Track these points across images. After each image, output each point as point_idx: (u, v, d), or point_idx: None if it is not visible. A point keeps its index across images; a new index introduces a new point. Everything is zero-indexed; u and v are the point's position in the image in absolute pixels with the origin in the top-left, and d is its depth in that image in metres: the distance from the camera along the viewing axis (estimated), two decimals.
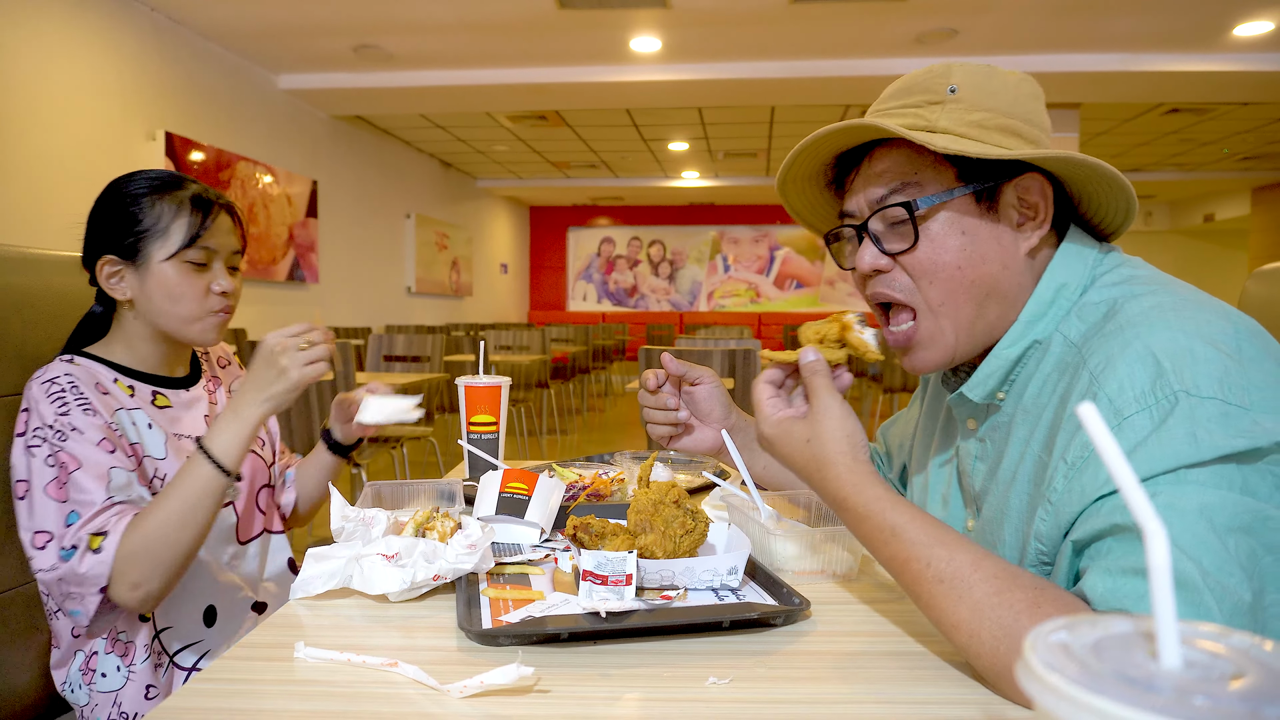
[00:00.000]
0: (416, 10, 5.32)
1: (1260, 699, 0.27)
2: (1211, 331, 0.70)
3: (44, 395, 1.11)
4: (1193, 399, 0.66)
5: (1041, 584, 0.67)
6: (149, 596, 1.07)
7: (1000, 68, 0.86)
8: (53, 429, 1.09)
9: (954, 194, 0.82)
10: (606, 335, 9.87)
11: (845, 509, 0.78)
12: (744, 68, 6.43)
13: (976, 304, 0.83)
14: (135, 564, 1.05)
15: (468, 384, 1.41)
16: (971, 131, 0.82)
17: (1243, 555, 0.62)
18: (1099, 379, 0.72)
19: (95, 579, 1.04)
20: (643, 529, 0.91)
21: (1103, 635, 0.33)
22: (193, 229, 1.19)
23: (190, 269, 1.20)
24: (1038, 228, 0.83)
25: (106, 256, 1.18)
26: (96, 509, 1.07)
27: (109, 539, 1.05)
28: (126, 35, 5.07)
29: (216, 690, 0.67)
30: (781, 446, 0.84)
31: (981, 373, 0.86)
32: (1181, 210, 13.81)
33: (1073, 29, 5.65)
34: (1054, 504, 0.73)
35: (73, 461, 1.08)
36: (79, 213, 1.23)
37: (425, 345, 4.50)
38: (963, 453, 0.93)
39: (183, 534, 1.08)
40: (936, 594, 0.69)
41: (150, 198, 1.18)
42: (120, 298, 1.20)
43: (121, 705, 1.15)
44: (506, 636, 0.75)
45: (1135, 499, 0.33)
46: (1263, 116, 8.08)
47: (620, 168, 11.20)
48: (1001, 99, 0.83)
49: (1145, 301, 0.75)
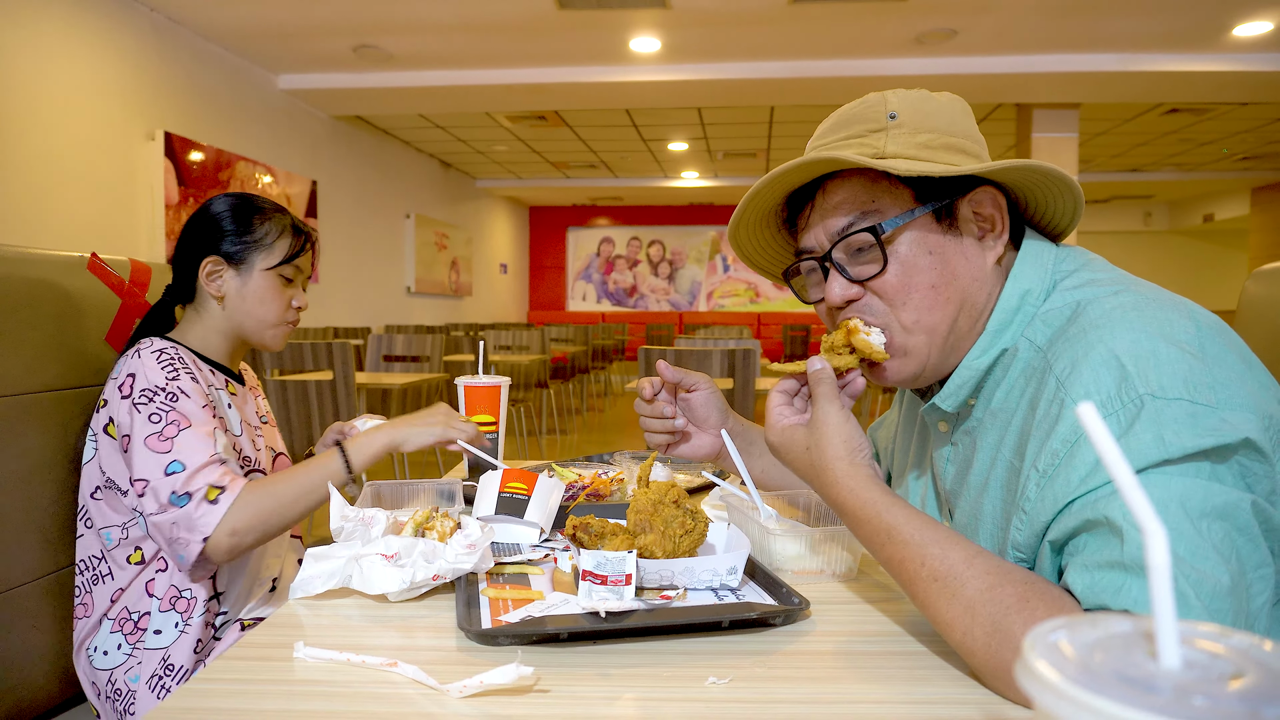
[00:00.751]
0: (416, 10, 5.32)
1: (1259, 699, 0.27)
2: (1173, 331, 0.71)
3: (154, 362, 1.24)
4: (1159, 401, 0.66)
5: (1032, 579, 0.67)
6: (237, 548, 1.17)
7: (928, 91, 0.88)
8: (163, 390, 1.22)
9: (915, 214, 0.83)
10: (606, 335, 9.86)
11: (844, 511, 0.80)
12: (743, 68, 6.43)
13: (950, 319, 0.85)
14: (243, 513, 1.16)
15: (467, 384, 1.41)
16: (921, 153, 0.83)
17: (1218, 539, 0.63)
18: (1065, 384, 0.72)
19: (204, 527, 1.15)
20: (642, 529, 0.92)
21: (1102, 635, 0.33)
22: (293, 249, 1.39)
23: (282, 282, 1.39)
24: (998, 238, 0.85)
25: (213, 257, 1.34)
26: (203, 463, 1.18)
27: (226, 494, 1.16)
28: (126, 35, 5.07)
29: (216, 690, 0.67)
30: (785, 453, 0.87)
31: (953, 384, 0.87)
32: (1181, 210, 13.81)
33: (1072, 29, 5.65)
34: (1028, 513, 0.74)
35: (184, 420, 1.20)
36: (79, 213, 1.25)
37: (425, 345, 4.50)
38: (936, 457, 0.94)
39: (293, 507, 1.21)
40: (931, 592, 0.70)
41: (261, 216, 1.37)
42: (215, 294, 1.35)
43: (170, 659, 1.24)
44: (506, 636, 0.75)
45: (1135, 499, 0.33)
46: (1262, 116, 8.09)
47: (620, 168, 11.20)
48: (939, 120, 0.85)
49: (1107, 304, 0.76)
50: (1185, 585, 0.61)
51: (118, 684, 1.21)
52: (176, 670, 1.24)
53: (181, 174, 5.48)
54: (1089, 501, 0.67)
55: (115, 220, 4.98)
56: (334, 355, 3.36)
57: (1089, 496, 0.67)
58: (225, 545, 1.16)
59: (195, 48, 5.76)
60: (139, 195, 5.20)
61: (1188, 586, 0.61)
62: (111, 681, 1.22)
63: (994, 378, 0.85)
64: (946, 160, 0.83)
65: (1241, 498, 0.64)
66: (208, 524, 1.15)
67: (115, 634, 1.24)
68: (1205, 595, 0.61)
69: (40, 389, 1.24)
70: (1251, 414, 0.66)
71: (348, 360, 3.35)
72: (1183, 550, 0.62)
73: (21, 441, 1.20)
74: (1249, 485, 0.66)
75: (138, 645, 1.23)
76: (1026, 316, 0.83)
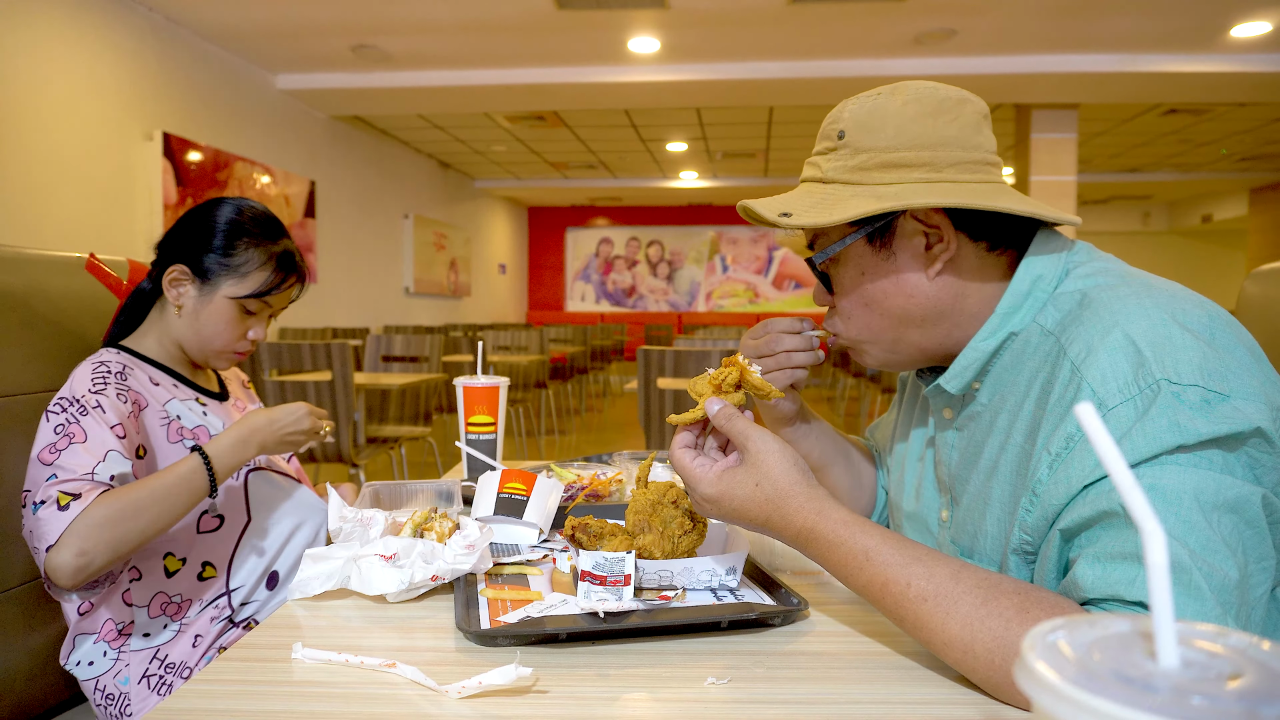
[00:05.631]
0: (415, 10, 5.31)
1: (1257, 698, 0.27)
2: (1186, 318, 0.71)
3: (87, 374, 1.18)
4: (1175, 386, 0.66)
5: (1025, 588, 0.67)
6: (86, 569, 1.05)
7: (888, 95, 0.85)
8: (76, 402, 1.14)
9: (847, 241, 0.86)
10: (605, 335, 9.86)
11: (813, 538, 0.76)
12: (742, 68, 6.43)
13: (891, 329, 0.88)
14: (92, 533, 1.05)
15: (466, 384, 1.41)
16: (854, 176, 0.85)
17: (1227, 532, 0.63)
18: (1081, 369, 0.72)
19: (48, 534, 1.05)
20: (641, 529, 0.91)
21: (1100, 635, 0.33)
22: (266, 285, 1.30)
23: (242, 313, 1.30)
24: (945, 249, 0.83)
25: (180, 265, 1.27)
26: (76, 476, 1.08)
27: (78, 501, 1.06)
28: (124, 36, 5.07)
29: (215, 691, 0.67)
30: (730, 501, 0.79)
31: (958, 365, 0.86)
32: (1179, 211, 13.82)
33: (1071, 29, 5.66)
34: (1039, 495, 0.74)
35: (79, 434, 1.11)
36: (77, 213, 1.25)
37: (423, 345, 4.49)
38: (939, 442, 0.94)
39: (149, 521, 1.10)
40: (922, 613, 0.68)
41: (246, 240, 1.29)
42: (174, 301, 1.29)
43: (167, 657, 1.22)
44: (505, 637, 0.75)
45: (1135, 500, 0.33)
46: (1261, 117, 8.09)
47: (618, 168, 11.20)
48: (884, 133, 0.84)
49: (1120, 290, 0.76)
50: (1200, 579, 0.61)
51: (109, 690, 1.20)
52: (177, 667, 1.22)
53: (180, 174, 5.48)
54: (1104, 490, 0.67)
55: (113, 220, 4.97)
56: (332, 356, 3.36)
57: (1104, 484, 0.67)
58: (72, 568, 1.04)
59: (194, 48, 5.76)
60: (137, 195, 5.19)
61: (1202, 580, 0.61)
62: (102, 688, 1.20)
63: (1001, 361, 0.84)
64: (878, 180, 0.83)
65: (1253, 491, 0.65)
66: (51, 532, 1.04)
67: (99, 644, 1.21)
68: (1216, 588, 0.62)
69: (38, 389, 1.24)
70: (1262, 404, 0.67)
71: (346, 361, 3.35)
72: (1195, 544, 0.62)
73: (20, 442, 1.20)
74: (1258, 477, 0.66)
75: (123, 649, 1.21)
76: (1038, 301, 0.82)
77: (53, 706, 1.28)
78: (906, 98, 0.85)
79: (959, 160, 0.83)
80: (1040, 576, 0.74)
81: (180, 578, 1.26)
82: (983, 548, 0.83)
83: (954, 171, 0.82)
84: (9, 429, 1.19)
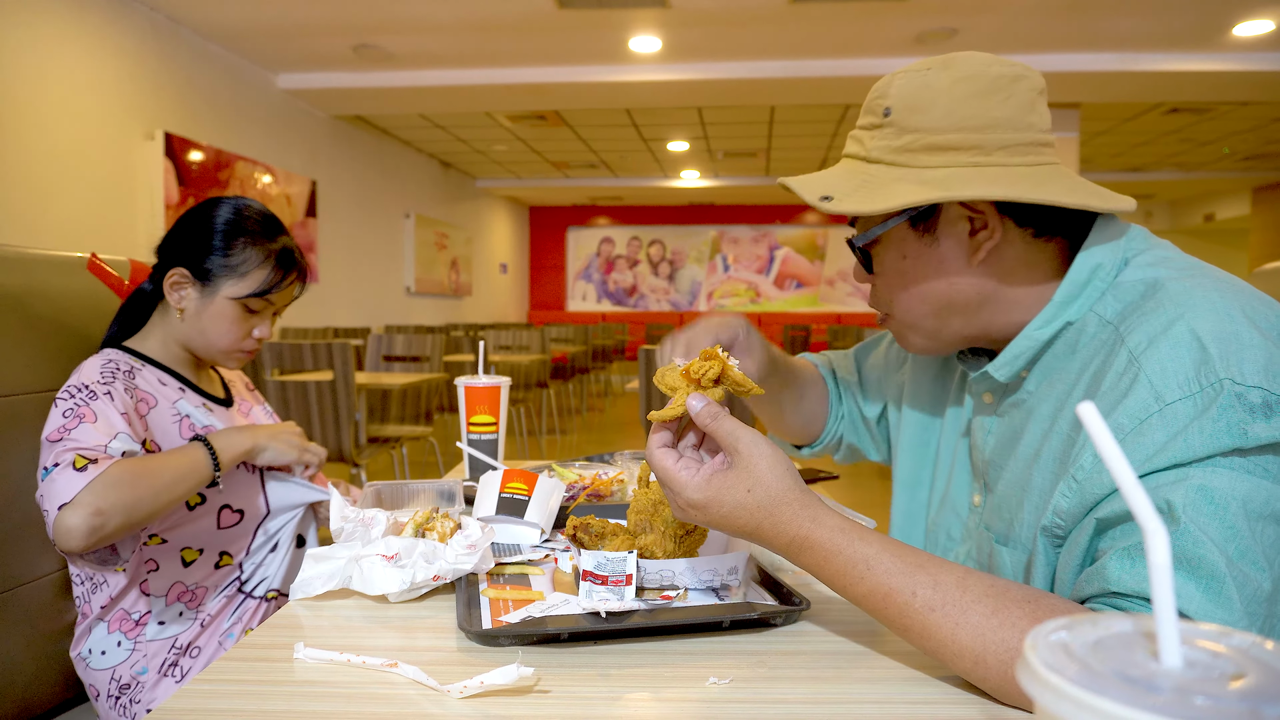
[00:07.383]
0: (416, 10, 5.31)
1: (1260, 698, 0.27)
2: (1256, 316, 0.69)
3: (96, 366, 1.20)
4: (1238, 387, 0.64)
5: (1035, 595, 0.66)
6: (100, 530, 1.05)
7: (939, 70, 0.81)
8: (85, 388, 1.16)
9: (889, 225, 0.84)
10: (606, 335, 9.86)
11: (808, 547, 0.72)
12: (744, 68, 6.43)
13: (934, 317, 0.86)
14: (110, 493, 1.06)
15: (467, 384, 1.41)
16: (899, 157, 0.82)
17: (1267, 543, 0.62)
18: (1139, 359, 0.70)
19: (61, 494, 1.04)
20: (643, 529, 0.91)
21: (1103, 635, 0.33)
22: (267, 283, 1.31)
23: (245, 312, 1.31)
24: (990, 236, 0.81)
25: (180, 268, 1.28)
26: (90, 445, 1.10)
27: (95, 466, 1.07)
28: (125, 35, 5.07)
29: (216, 690, 0.67)
30: (719, 508, 0.74)
31: (1009, 353, 0.84)
32: (1181, 210, 13.81)
33: (1073, 29, 5.65)
34: (1079, 481, 0.71)
35: (90, 415, 1.13)
36: (78, 213, 1.26)
37: (425, 345, 4.50)
38: (975, 426, 0.92)
39: (159, 495, 1.13)
40: (930, 624, 0.66)
41: (244, 239, 1.29)
42: (176, 305, 1.30)
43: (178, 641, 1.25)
44: (506, 637, 0.75)
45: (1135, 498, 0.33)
46: (1263, 116, 8.08)
47: (620, 167, 11.19)
48: (934, 113, 0.80)
49: (1187, 282, 0.74)
50: (1232, 589, 0.60)
51: (123, 680, 1.21)
52: (187, 648, 1.25)
53: (181, 174, 5.48)
54: (1150, 485, 0.65)
55: (114, 220, 4.98)
56: (334, 355, 3.36)
57: (1151, 479, 0.66)
58: (86, 528, 1.03)
59: (195, 47, 5.76)
60: (138, 195, 5.20)
61: (1234, 590, 0.60)
62: (116, 679, 1.21)
63: (1054, 351, 0.82)
64: (924, 163, 0.81)
65: None
66: (66, 491, 1.04)
67: (114, 634, 1.23)
68: (1246, 598, 0.60)
69: (39, 389, 1.24)
70: None
71: (347, 360, 3.35)
72: (1234, 551, 0.61)
73: (21, 441, 1.20)
74: None
75: (139, 640, 1.23)
76: (1097, 290, 0.79)
77: (56, 705, 1.29)
78: (957, 75, 0.81)
79: (1009, 143, 0.80)
80: (1066, 562, 0.73)
81: (197, 567, 1.30)
82: (1018, 535, 0.80)
83: (1003, 155, 0.80)
84: (9, 429, 1.19)
